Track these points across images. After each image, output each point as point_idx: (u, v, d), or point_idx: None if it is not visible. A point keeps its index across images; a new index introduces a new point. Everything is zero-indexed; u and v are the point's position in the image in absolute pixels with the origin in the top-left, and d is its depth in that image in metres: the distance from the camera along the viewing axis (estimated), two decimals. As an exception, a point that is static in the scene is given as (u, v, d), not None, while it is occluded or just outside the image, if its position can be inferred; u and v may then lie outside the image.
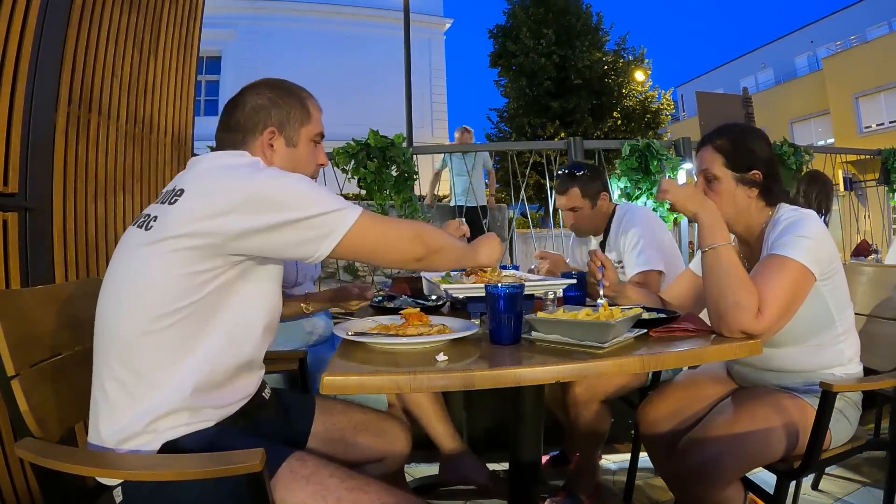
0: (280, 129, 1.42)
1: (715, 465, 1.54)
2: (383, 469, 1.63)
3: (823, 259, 1.58)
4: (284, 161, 1.41)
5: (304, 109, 1.46)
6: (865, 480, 2.62)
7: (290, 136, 1.43)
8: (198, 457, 1.08)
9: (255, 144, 1.39)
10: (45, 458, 1.12)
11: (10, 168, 1.99)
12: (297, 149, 1.45)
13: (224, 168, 1.29)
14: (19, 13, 2.01)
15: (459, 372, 1.16)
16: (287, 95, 1.45)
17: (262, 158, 1.37)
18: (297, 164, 1.43)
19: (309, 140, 1.47)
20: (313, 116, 1.48)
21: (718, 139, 1.75)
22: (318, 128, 1.50)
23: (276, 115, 1.41)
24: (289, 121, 1.43)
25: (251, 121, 1.40)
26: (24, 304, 1.32)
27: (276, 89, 1.45)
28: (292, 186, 1.23)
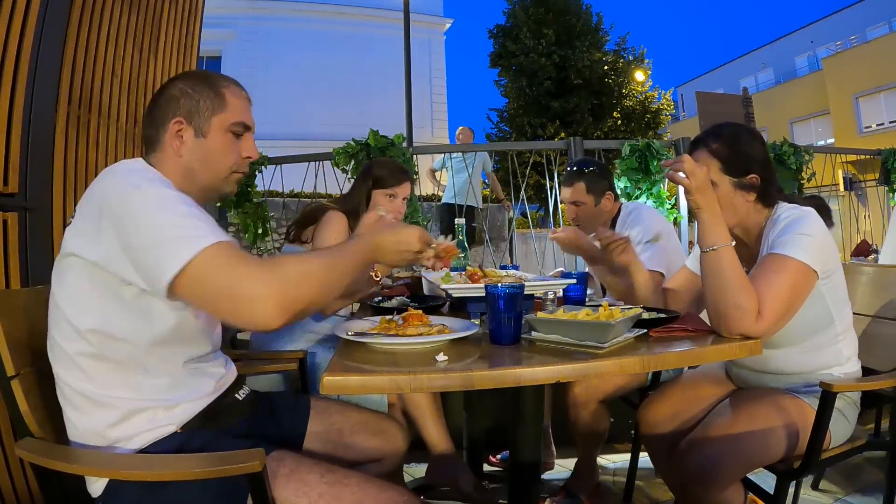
0: (188, 118, 1.33)
1: (715, 465, 1.54)
2: (382, 469, 1.63)
3: (824, 256, 1.57)
4: (194, 153, 1.33)
5: (217, 97, 1.35)
6: (866, 481, 2.62)
7: (199, 126, 1.33)
8: (198, 457, 1.09)
9: (165, 138, 1.32)
10: (45, 458, 1.12)
11: (10, 168, 1.99)
12: (206, 139, 1.34)
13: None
14: (19, 13, 2.02)
15: (459, 372, 1.16)
16: (200, 84, 1.35)
17: (173, 152, 1.32)
18: (209, 156, 1.35)
19: (223, 130, 1.36)
20: (230, 104, 1.36)
21: (714, 142, 1.69)
22: (235, 116, 1.37)
23: (184, 105, 1.33)
24: (198, 110, 1.33)
25: (161, 112, 1.33)
26: (24, 304, 1.32)
27: (190, 79, 1.37)
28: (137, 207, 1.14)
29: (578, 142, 4.27)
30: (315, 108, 18.66)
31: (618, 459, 3.01)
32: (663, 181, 4.22)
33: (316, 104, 18.78)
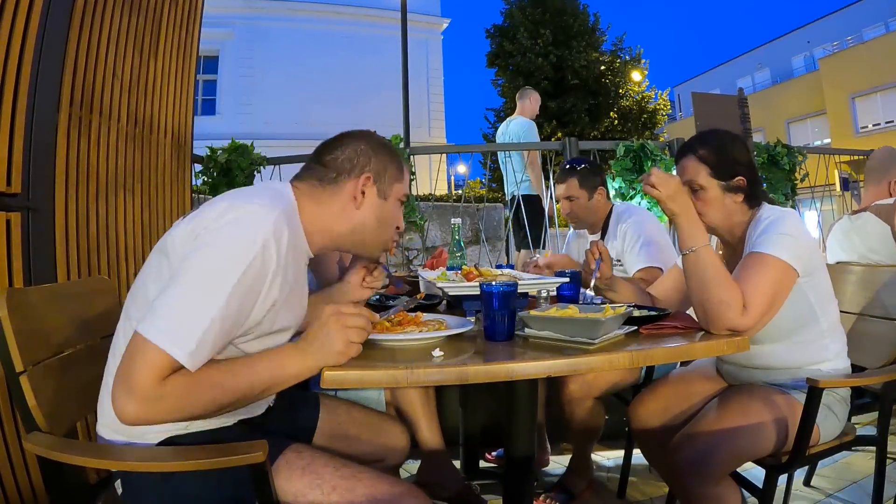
0: (376, 178, 1.40)
1: (706, 460, 1.57)
2: (383, 468, 1.64)
3: (804, 255, 1.61)
4: (372, 211, 1.40)
5: (399, 167, 1.44)
6: (857, 477, 2.65)
7: (382, 189, 1.41)
8: (202, 448, 1.12)
9: (348, 185, 1.37)
10: (55, 451, 1.15)
11: (13, 169, 2.02)
12: (386, 202, 1.42)
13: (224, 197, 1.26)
14: (21, 16, 2.04)
15: (455, 367, 1.20)
16: (386, 151, 1.44)
17: (352, 203, 1.37)
18: (384, 218, 1.42)
19: (397, 198, 1.45)
20: (405, 177, 1.47)
21: (701, 149, 1.75)
22: (406, 189, 1.48)
23: (375, 164, 1.40)
24: (385, 173, 1.41)
25: (349, 162, 1.38)
26: (30, 302, 1.34)
27: (378, 143, 1.44)
28: (214, 253, 1.13)
29: (573, 142, 4.31)
30: (313, 107, 18.65)
31: (612, 456, 3.05)
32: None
33: (313, 104, 18.77)
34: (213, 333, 1.09)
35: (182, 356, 1.06)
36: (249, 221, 1.16)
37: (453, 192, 16.64)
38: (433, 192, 8.78)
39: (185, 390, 1.08)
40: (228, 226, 1.14)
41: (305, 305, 1.47)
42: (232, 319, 1.13)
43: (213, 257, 1.11)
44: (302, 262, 1.37)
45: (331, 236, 1.39)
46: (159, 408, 1.07)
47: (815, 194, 5.48)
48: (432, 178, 7.37)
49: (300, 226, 1.33)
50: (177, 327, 1.07)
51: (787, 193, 4.59)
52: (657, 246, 2.58)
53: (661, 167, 4.18)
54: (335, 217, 1.37)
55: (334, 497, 1.21)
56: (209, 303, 1.09)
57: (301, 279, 1.38)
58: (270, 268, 1.17)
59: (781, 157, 4.55)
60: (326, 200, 1.37)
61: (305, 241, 1.35)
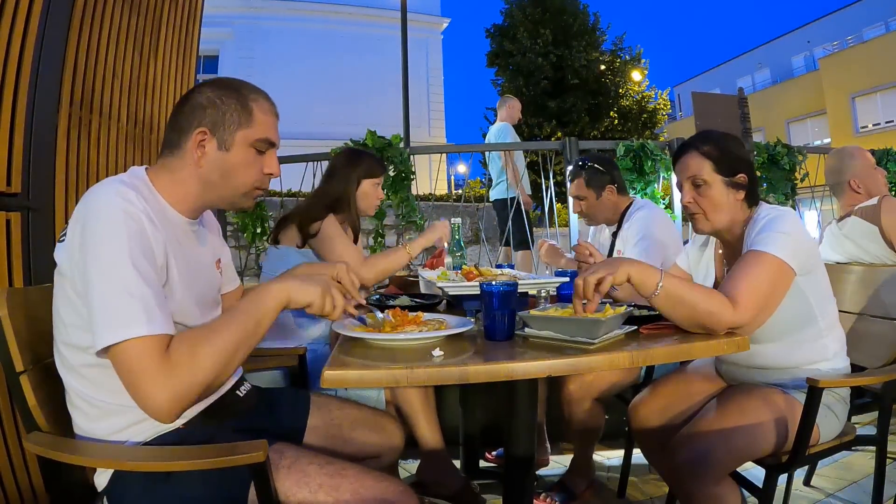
0: (212, 129, 1.31)
1: (705, 459, 1.57)
2: (379, 465, 1.65)
3: (801, 254, 1.61)
4: (215, 165, 1.32)
5: (245, 111, 1.33)
6: (857, 477, 2.66)
7: (223, 139, 1.32)
8: (202, 448, 1.12)
9: (187, 146, 1.31)
10: (55, 451, 1.15)
11: (13, 169, 2.01)
12: (229, 153, 1.32)
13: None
14: (21, 16, 2.04)
15: (455, 366, 1.20)
16: (229, 95, 1.33)
17: (193, 161, 1.32)
18: (229, 170, 1.34)
19: (247, 145, 1.34)
20: (257, 119, 1.35)
21: (704, 145, 1.77)
22: (261, 133, 1.35)
23: (210, 115, 1.31)
24: (224, 122, 1.31)
25: (186, 119, 1.32)
26: (30, 302, 1.34)
27: (220, 88, 1.34)
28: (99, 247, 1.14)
29: (573, 142, 4.30)
30: (312, 107, 18.65)
31: (612, 456, 3.05)
32: (657, 181, 4.26)
33: (313, 104, 18.78)
34: (147, 295, 1.12)
35: (143, 329, 1.09)
36: (97, 202, 1.17)
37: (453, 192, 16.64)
38: (433, 192, 8.79)
39: (190, 352, 1.13)
40: (87, 219, 1.15)
41: (211, 276, 1.49)
42: (149, 275, 1.16)
43: (96, 246, 1.13)
44: (177, 228, 1.34)
45: (188, 198, 1.34)
46: (182, 379, 1.11)
47: (815, 194, 5.46)
48: (432, 178, 7.37)
49: (156, 193, 1.31)
50: (118, 315, 1.09)
51: (787, 193, 4.59)
52: (657, 244, 2.58)
53: (661, 167, 4.19)
54: (185, 180, 1.33)
55: (321, 495, 1.21)
56: (123, 277, 1.12)
57: (184, 242, 1.36)
58: (143, 223, 1.19)
59: (781, 157, 4.56)
60: (175, 165, 1.33)
61: (169, 208, 1.33)
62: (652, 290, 1.45)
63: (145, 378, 1.08)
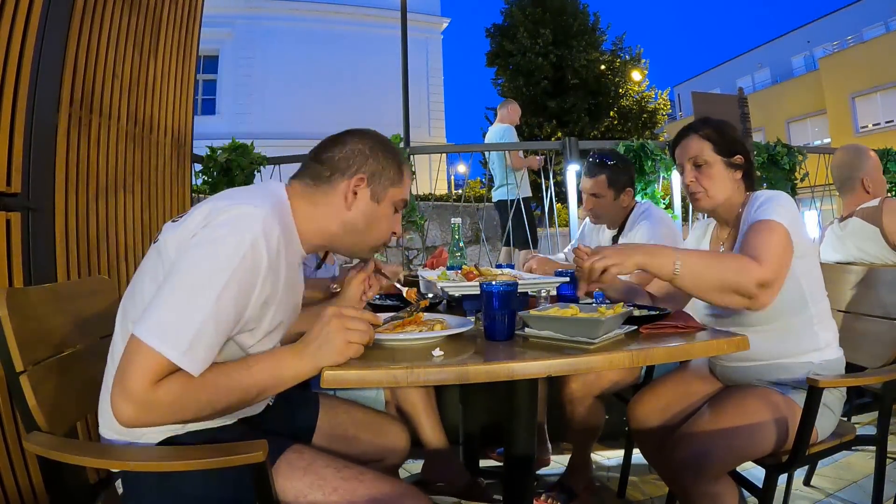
0: (370, 179, 1.37)
1: (704, 458, 1.57)
2: (382, 468, 1.64)
3: (798, 230, 1.68)
4: (362, 213, 1.38)
5: (398, 171, 1.41)
6: (857, 477, 2.66)
7: (376, 191, 1.38)
8: (202, 448, 1.12)
9: (341, 185, 1.35)
10: (55, 451, 1.15)
11: (13, 168, 2.02)
12: (379, 206, 1.39)
13: (218, 198, 1.25)
14: (21, 16, 2.04)
15: (455, 366, 1.20)
16: (387, 152, 1.41)
17: (342, 203, 1.35)
18: (373, 222, 1.40)
19: (392, 203, 1.42)
20: (405, 183, 1.44)
21: (703, 128, 1.86)
22: (404, 194, 1.45)
23: (371, 166, 1.37)
24: (381, 176, 1.38)
25: (345, 162, 1.36)
26: (30, 302, 1.34)
27: (380, 143, 1.41)
28: (205, 259, 1.13)
29: (573, 142, 4.31)
30: (312, 107, 18.65)
31: (612, 455, 3.05)
32: (657, 181, 4.26)
33: (313, 103, 18.77)
34: (206, 334, 1.10)
35: (175, 356, 1.07)
36: (238, 222, 1.16)
37: (453, 192, 16.64)
38: (433, 191, 8.79)
39: (181, 393, 1.09)
40: (218, 227, 1.14)
41: (299, 303, 1.48)
42: (225, 319, 1.13)
43: (203, 259, 1.12)
44: (295, 261, 1.37)
45: (323, 235, 1.38)
46: (155, 410, 1.07)
47: (815, 194, 5.47)
48: (432, 178, 7.37)
49: (293, 224, 1.33)
50: (169, 328, 1.07)
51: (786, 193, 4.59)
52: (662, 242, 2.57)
53: (661, 166, 4.19)
54: (327, 216, 1.36)
55: (335, 498, 1.21)
56: (200, 304, 1.09)
57: (295, 277, 1.38)
58: (262, 266, 1.17)
59: (781, 157, 4.56)
60: (320, 200, 1.36)
61: (298, 240, 1.36)
62: (671, 271, 1.49)
63: (127, 387, 1.06)
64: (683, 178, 1.90)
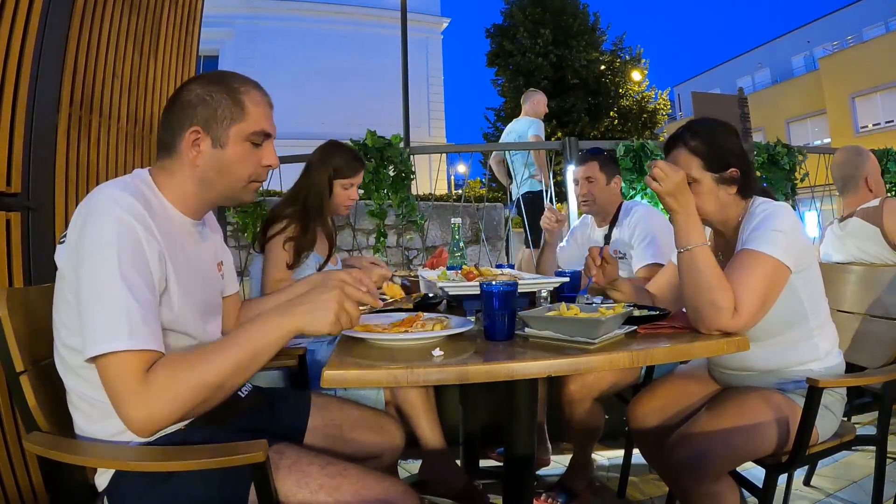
0: (206, 127, 1.29)
1: (704, 459, 1.57)
2: (379, 465, 1.65)
3: (796, 251, 1.60)
4: (211, 163, 1.30)
5: (236, 105, 1.30)
6: (857, 477, 2.66)
7: (217, 136, 1.29)
8: (202, 448, 1.12)
9: (182, 146, 1.30)
10: (55, 451, 1.15)
11: (13, 168, 2.02)
12: (224, 150, 1.30)
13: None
14: (21, 16, 2.04)
15: (455, 366, 1.20)
16: (218, 90, 1.30)
17: (189, 161, 1.30)
18: (226, 166, 1.32)
19: (242, 139, 1.31)
20: (250, 112, 1.32)
21: (692, 140, 1.72)
22: (256, 125, 1.33)
23: (201, 113, 1.28)
24: (216, 119, 1.29)
25: (177, 119, 1.29)
26: (30, 302, 1.34)
27: (209, 83, 1.31)
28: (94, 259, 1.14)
29: (573, 142, 4.30)
30: (313, 107, 18.67)
31: (612, 455, 3.05)
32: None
33: (313, 103, 18.79)
34: (133, 309, 1.11)
35: (124, 344, 1.08)
36: (92, 209, 1.17)
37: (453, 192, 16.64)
38: (433, 192, 8.78)
39: (170, 377, 1.11)
40: (83, 226, 1.15)
41: (211, 278, 1.47)
42: (138, 288, 1.14)
43: (88, 256, 1.13)
44: (178, 229, 1.34)
45: (189, 198, 1.34)
46: (155, 403, 1.09)
47: (815, 194, 5.46)
48: (432, 178, 7.36)
49: (159, 195, 1.31)
50: (104, 328, 1.09)
51: (787, 193, 4.59)
52: (666, 245, 2.58)
53: None
54: (182, 179, 1.32)
55: (321, 495, 1.21)
56: (110, 289, 1.11)
57: (185, 244, 1.35)
58: (136, 229, 1.17)
59: (781, 157, 4.55)
60: (173, 166, 1.32)
61: (172, 208, 1.33)
62: (685, 245, 1.53)
63: (122, 395, 1.09)
64: None
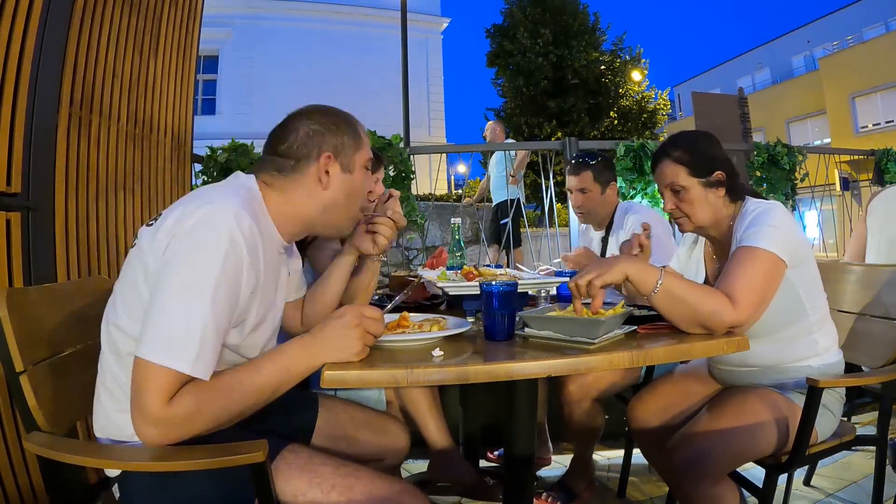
0: (336, 154, 1.37)
1: (704, 460, 1.57)
2: (383, 467, 1.65)
3: (791, 246, 1.61)
4: (340, 188, 1.38)
5: (356, 134, 1.42)
6: (857, 477, 2.66)
7: (345, 163, 1.39)
8: (202, 448, 1.12)
9: (310, 170, 1.36)
10: (55, 451, 1.15)
11: (13, 168, 2.01)
12: (352, 175, 1.40)
13: (188, 200, 1.24)
14: (21, 16, 2.04)
15: (454, 367, 1.20)
16: (340, 121, 1.41)
17: (318, 186, 1.36)
18: (353, 192, 1.41)
19: (362, 166, 1.43)
20: (364, 142, 1.44)
21: (674, 151, 1.78)
22: (369, 153, 1.45)
23: (330, 141, 1.37)
24: (343, 146, 1.38)
25: (305, 146, 1.36)
26: (30, 302, 1.35)
27: (329, 115, 1.41)
28: (183, 269, 1.13)
29: (573, 142, 4.31)
30: (313, 107, 18.63)
31: (612, 455, 3.05)
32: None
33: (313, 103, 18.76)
34: (209, 338, 1.11)
35: (187, 367, 1.08)
36: (210, 220, 1.16)
37: (453, 192, 16.63)
38: (433, 191, 8.78)
39: (197, 405, 1.11)
40: (192, 231, 1.15)
41: (281, 297, 1.48)
42: (222, 318, 1.15)
43: (188, 265, 1.12)
44: (274, 251, 1.37)
45: (302, 221, 1.39)
46: (177, 426, 1.10)
47: (815, 194, 5.47)
48: (432, 178, 7.36)
49: (267, 215, 1.33)
50: (174, 342, 1.09)
51: (787, 193, 4.60)
52: (663, 248, 2.58)
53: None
54: (304, 203, 1.36)
55: (333, 495, 1.21)
56: (197, 310, 1.10)
57: (274, 267, 1.38)
58: (243, 256, 1.18)
59: (781, 157, 4.56)
60: (291, 188, 1.36)
61: (276, 230, 1.36)
62: (651, 289, 1.46)
63: (143, 408, 1.08)
64: (664, 203, 1.85)
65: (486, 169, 6.19)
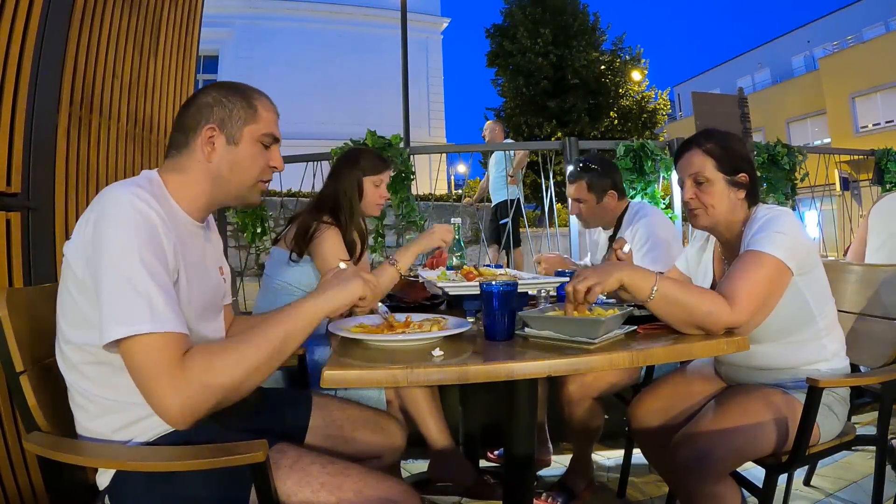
0: (220, 126, 1.36)
1: (705, 459, 1.57)
2: (380, 465, 1.65)
3: (799, 254, 1.62)
4: (224, 159, 1.37)
5: (250, 108, 1.39)
6: (857, 477, 2.66)
7: (231, 134, 1.37)
8: (202, 448, 1.12)
9: (197, 143, 1.35)
10: (55, 451, 1.15)
11: (13, 168, 2.01)
12: (238, 147, 1.37)
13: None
14: (21, 16, 2.04)
15: (454, 366, 1.20)
16: (234, 94, 1.39)
17: (202, 157, 1.35)
18: (238, 164, 1.38)
19: (254, 140, 1.40)
20: (262, 116, 1.41)
21: (706, 143, 1.78)
22: (267, 128, 1.42)
23: (217, 113, 1.36)
24: (231, 118, 1.37)
25: (194, 119, 1.36)
26: (31, 302, 1.34)
27: (224, 89, 1.40)
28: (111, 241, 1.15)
29: (573, 142, 4.30)
30: (312, 107, 18.66)
31: (612, 455, 3.05)
32: (658, 181, 4.26)
33: (313, 104, 18.79)
34: (154, 292, 1.13)
35: (147, 327, 1.09)
36: (110, 204, 1.18)
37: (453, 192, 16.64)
38: (433, 192, 8.78)
39: (207, 359, 1.13)
40: (99, 221, 1.16)
41: (219, 285, 1.50)
42: (158, 273, 1.16)
43: (107, 247, 1.14)
44: (194, 235, 1.38)
45: (199, 196, 1.38)
46: (193, 386, 1.11)
47: (815, 194, 5.48)
48: (432, 178, 7.36)
49: (169, 198, 1.34)
50: (127, 311, 1.10)
51: (787, 193, 4.60)
52: (663, 250, 2.57)
53: (661, 166, 4.19)
54: (195, 177, 1.36)
55: (323, 494, 1.21)
56: (130, 274, 1.12)
57: (199, 251, 1.40)
58: (154, 220, 1.19)
59: (781, 157, 4.56)
60: (185, 165, 1.36)
61: (180, 210, 1.35)
62: (647, 295, 1.46)
63: (154, 379, 1.09)
64: (683, 193, 1.84)
65: (486, 169, 6.20)
